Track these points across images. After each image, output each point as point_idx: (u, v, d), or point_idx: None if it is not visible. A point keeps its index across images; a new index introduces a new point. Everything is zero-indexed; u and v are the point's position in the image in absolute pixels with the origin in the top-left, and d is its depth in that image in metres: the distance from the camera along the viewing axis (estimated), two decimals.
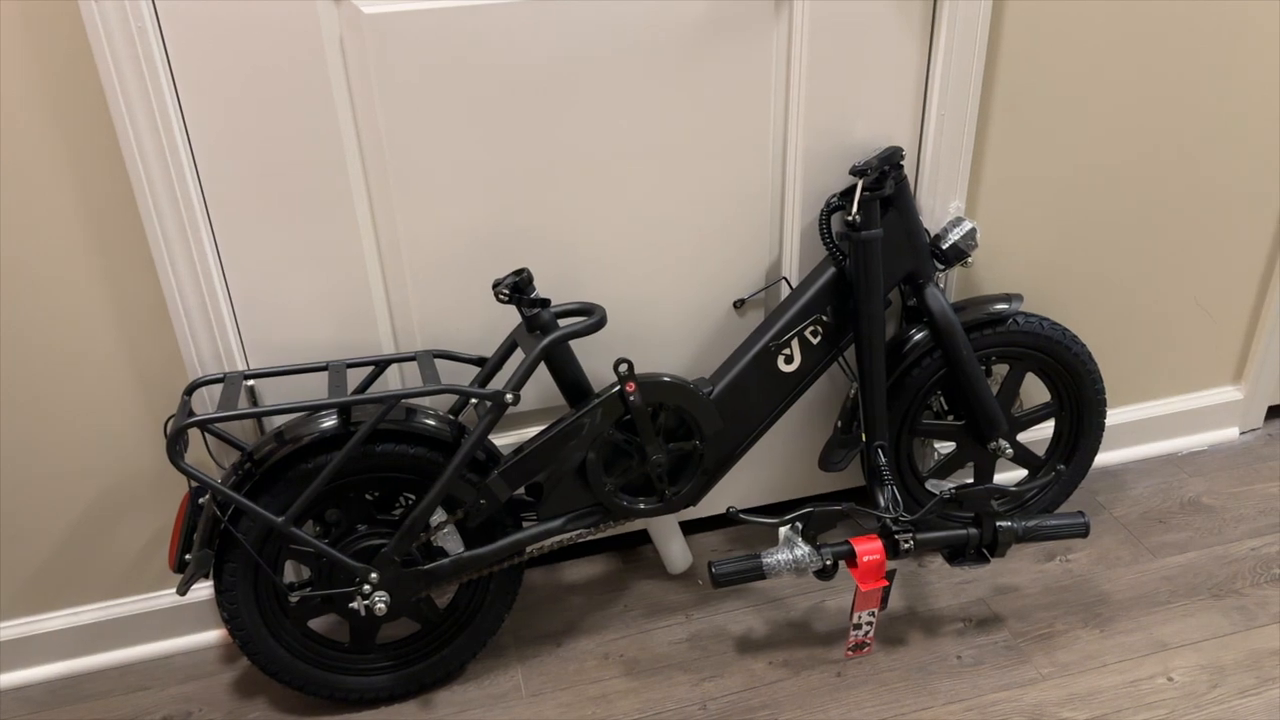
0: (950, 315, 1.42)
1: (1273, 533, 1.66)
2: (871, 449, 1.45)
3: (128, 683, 1.46)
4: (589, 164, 1.35)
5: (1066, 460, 1.63)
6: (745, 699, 1.40)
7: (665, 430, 1.37)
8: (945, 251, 1.44)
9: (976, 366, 1.44)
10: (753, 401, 1.40)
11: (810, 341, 1.40)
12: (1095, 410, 1.58)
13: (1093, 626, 1.48)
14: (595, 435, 1.31)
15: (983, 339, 1.47)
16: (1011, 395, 1.55)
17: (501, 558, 1.35)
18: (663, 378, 1.32)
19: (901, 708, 1.37)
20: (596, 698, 1.41)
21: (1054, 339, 1.50)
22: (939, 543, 1.40)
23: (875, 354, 1.40)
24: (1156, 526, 1.69)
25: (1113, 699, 1.36)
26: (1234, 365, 1.86)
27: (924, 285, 1.42)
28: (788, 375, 1.41)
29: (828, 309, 1.39)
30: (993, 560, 1.40)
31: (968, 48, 1.38)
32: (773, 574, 1.35)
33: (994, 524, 1.38)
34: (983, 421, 1.49)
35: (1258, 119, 1.58)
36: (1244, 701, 1.35)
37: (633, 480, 1.39)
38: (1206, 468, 1.84)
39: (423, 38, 1.21)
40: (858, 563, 1.33)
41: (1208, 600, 1.53)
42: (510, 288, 1.26)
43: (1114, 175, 1.57)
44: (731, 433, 1.40)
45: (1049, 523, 1.41)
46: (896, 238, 1.38)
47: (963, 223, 1.44)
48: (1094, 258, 1.64)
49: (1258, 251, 1.73)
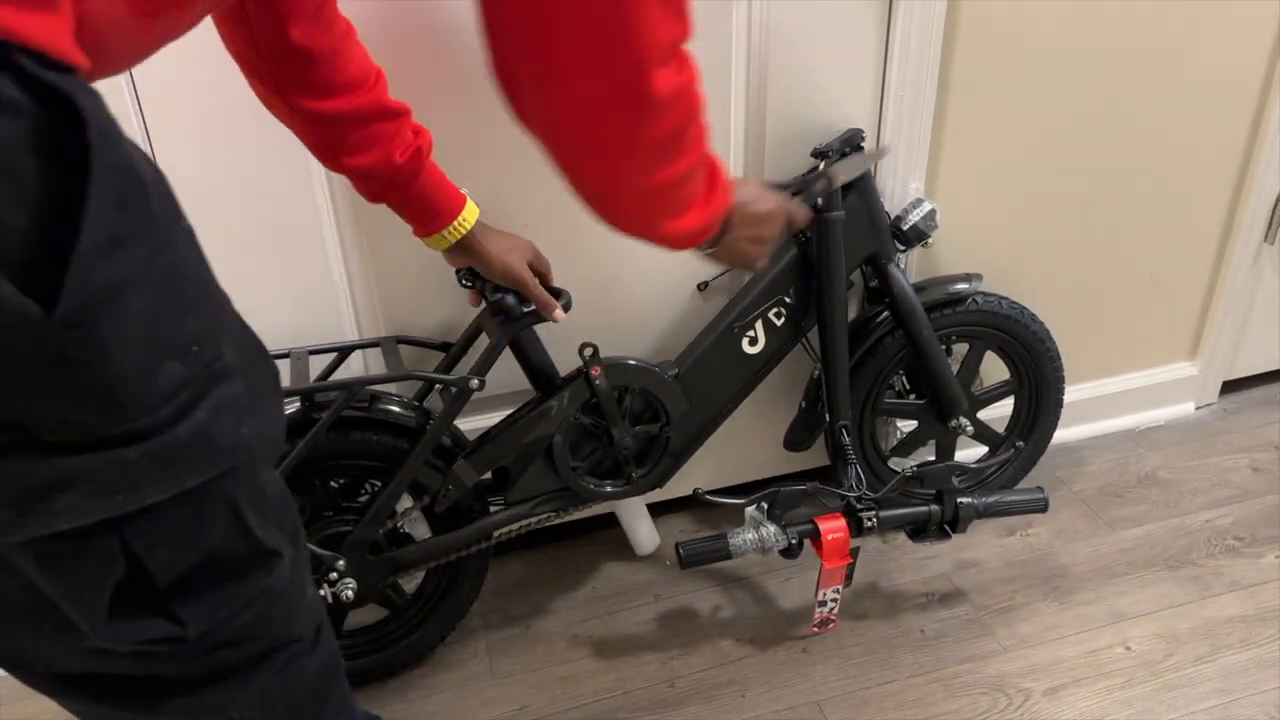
0: (912, 296, 1.43)
1: (1227, 505, 1.70)
2: (836, 429, 1.47)
3: None
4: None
5: (1025, 437, 1.65)
6: (712, 676, 1.41)
7: (631, 413, 1.37)
8: (906, 232, 1.45)
9: (937, 346, 1.46)
10: (718, 383, 1.41)
11: (774, 323, 1.41)
12: (1054, 388, 1.60)
13: (1052, 599, 1.51)
14: (561, 419, 1.31)
15: (943, 319, 1.49)
16: (971, 374, 1.57)
17: (469, 542, 1.35)
18: (628, 361, 1.33)
19: (866, 681, 1.39)
20: (566, 678, 1.42)
21: (1013, 318, 1.52)
22: (902, 520, 1.42)
23: (838, 335, 1.41)
24: (1114, 500, 1.73)
25: (1072, 669, 1.39)
26: (1189, 341, 1.89)
27: (885, 266, 1.43)
28: (752, 357, 1.42)
29: (790, 290, 1.40)
30: (954, 536, 1.42)
31: (925, 28, 1.39)
32: (739, 554, 1.36)
33: (955, 501, 1.40)
34: (944, 400, 1.51)
35: (1212, 95, 1.61)
36: (1198, 669, 1.38)
37: (600, 463, 1.39)
38: (1163, 442, 1.88)
39: (388, 10, 1.20)
40: (822, 541, 1.35)
41: (1164, 571, 1.56)
42: (471, 274, 1.26)
43: (1070, 153, 1.59)
44: (697, 415, 1.41)
45: (1009, 498, 1.43)
46: (858, 219, 1.38)
47: (923, 204, 1.46)
48: (1051, 235, 1.66)
49: (1211, 229, 1.76)
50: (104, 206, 0.53)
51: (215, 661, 0.72)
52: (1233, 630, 1.44)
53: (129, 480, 0.58)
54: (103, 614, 0.62)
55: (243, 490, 0.67)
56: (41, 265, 0.51)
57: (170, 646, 0.67)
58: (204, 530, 0.65)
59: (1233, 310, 1.85)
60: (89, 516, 0.57)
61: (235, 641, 0.72)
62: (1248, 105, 1.63)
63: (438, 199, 1.16)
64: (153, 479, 0.59)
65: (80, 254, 0.52)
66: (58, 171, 0.52)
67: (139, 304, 0.56)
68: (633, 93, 0.71)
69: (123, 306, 0.55)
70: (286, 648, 0.77)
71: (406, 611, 1.42)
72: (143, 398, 0.57)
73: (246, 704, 0.76)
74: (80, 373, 0.54)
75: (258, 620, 0.72)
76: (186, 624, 0.66)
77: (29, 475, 0.55)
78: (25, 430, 0.54)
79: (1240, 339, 1.92)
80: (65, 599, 0.61)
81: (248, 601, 0.70)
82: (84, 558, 0.60)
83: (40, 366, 0.53)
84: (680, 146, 0.80)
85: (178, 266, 0.60)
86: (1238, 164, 1.69)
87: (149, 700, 0.72)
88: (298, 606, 0.78)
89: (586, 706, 1.38)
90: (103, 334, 0.54)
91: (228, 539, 0.67)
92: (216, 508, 0.65)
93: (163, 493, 0.60)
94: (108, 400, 0.55)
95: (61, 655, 0.68)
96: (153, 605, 0.65)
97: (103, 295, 0.54)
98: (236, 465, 0.64)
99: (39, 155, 0.51)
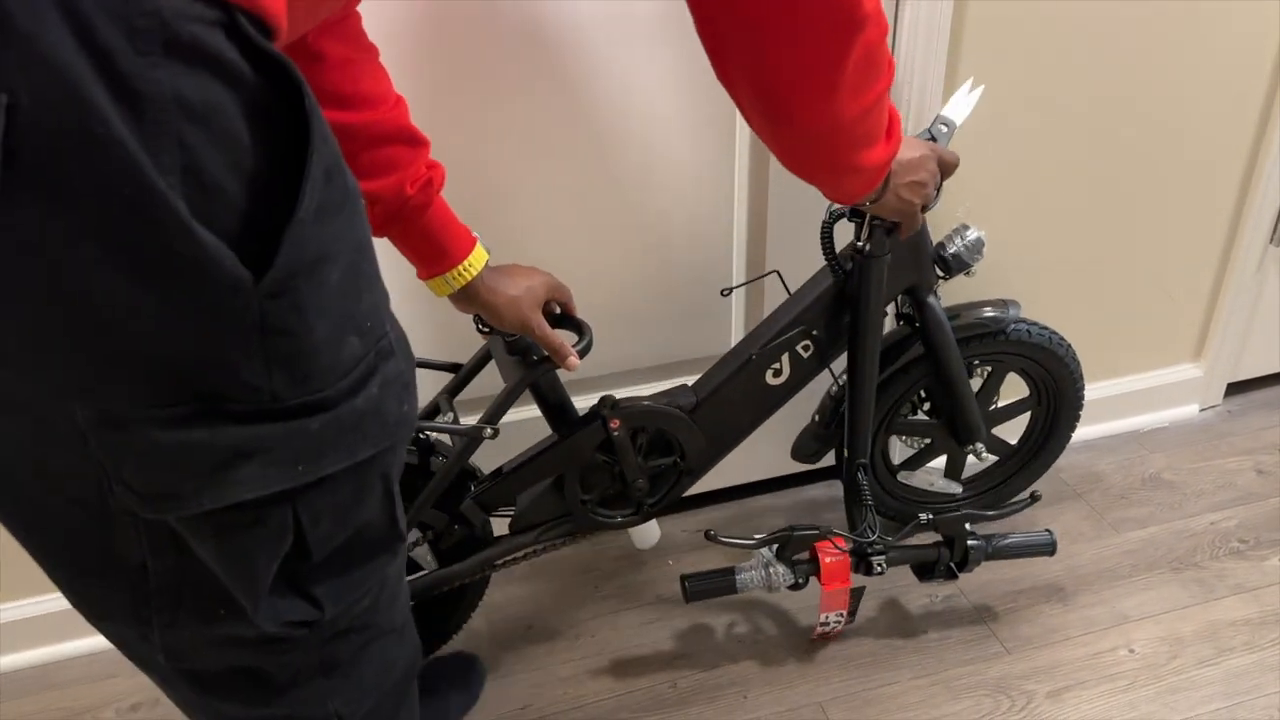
0: (947, 330, 1.36)
1: (1231, 507, 1.69)
2: (853, 466, 1.42)
3: (96, 670, 1.46)
4: (568, 143, 1.34)
5: (1037, 451, 1.63)
6: (714, 677, 1.41)
7: (646, 446, 1.32)
8: (949, 261, 1.35)
9: (965, 376, 1.41)
10: (737, 414, 1.35)
11: (801, 355, 1.33)
12: (1073, 408, 1.57)
13: (1055, 601, 1.51)
14: (575, 462, 1.28)
15: (974, 348, 1.43)
16: (991, 394, 1.54)
17: (472, 573, 1.32)
18: (647, 404, 1.28)
19: (869, 682, 1.39)
20: (567, 678, 1.42)
21: (1043, 347, 1.47)
22: (910, 559, 1.41)
23: (867, 376, 1.34)
24: (1118, 502, 1.72)
25: (1075, 671, 1.39)
26: (1194, 343, 1.89)
27: (924, 298, 1.35)
28: (774, 388, 1.35)
29: (822, 324, 1.32)
30: (960, 576, 1.41)
31: (931, 31, 1.38)
32: (744, 590, 1.35)
33: (965, 544, 1.38)
34: (962, 429, 1.46)
35: (1218, 96, 1.60)
36: (1202, 671, 1.38)
37: (609, 494, 1.34)
38: (1167, 444, 1.88)
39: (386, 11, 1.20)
40: (821, 569, 1.34)
41: (1168, 574, 1.56)
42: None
43: (1075, 153, 1.58)
44: (714, 445, 1.36)
45: (1017, 541, 1.41)
46: (902, 255, 1.29)
47: (969, 230, 1.35)
48: (1056, 236, 1.66)
49: (1217, 230, 1.75)
50: (318, 177, 0.54)
51: (330, 652, 0.73)
52: (1236, 633, 1.44)
53: (310, 451, 0.59)
54: (266, 588, 0.63)
55: (394, 468, 0.69)
56: (253, 232, 0.52)
57: (304, 630, 0.68)
58: (361, 504, 0.66)
59: (1238, 312, 1.85)
60: (271, 486, 0.58)
61: (351, 629, 0.74)
62: (1253, 107, 1.63)
63: (444, 238, 1.07)
64: (331, 451, 0.60)
65: (296, 223, 0.53)
66: (271, 140, 0.53)
67: (335, 276, 0.57)
68: (848, 14, 0.75)
69: (323, 278, 0.56)
70: (386, 637, 0.78)
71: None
72: (328, 369, 0.58)
73: (347, 696, 0.77)
74: (277, 341, 0.55)
75: (372, 608, 0.74)
76: (324, 605, 0.68)
77: (215, 444, 0.55)
78: (214, 399, 0.55)
79: (1245, 341, 1.91)
80: (236, 572, 0.62)
81: (370, 586, 0.72)
82: (261, 528, 0.60)
83: (240, 333, 0.53)
84: (878, 65, 0.84)
85: (363, 242, 0.61)
86: (1243, 165, 1.69)
87: (262, 694, 0.73)
88: (400, 596, 0.79)
89: (588, 706, 1.37)
90: (303, 304, 0.55)
91: (376, 516, 0.68)
92: (375, 483, 0.66)
93: (339, 464, 0.61)
94: (298, 370, 0.57)
95: (187, 645, 0.68)
96: (298, 585, 0.66)
97: (308, 266, 0.55)
98: (397, 441, 0.66)
99: (255, 123, 0.52)
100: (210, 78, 0.49)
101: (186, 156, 0.49)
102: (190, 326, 0.52)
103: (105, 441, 0.55)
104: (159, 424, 0.54)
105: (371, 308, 0.62)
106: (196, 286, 0.51)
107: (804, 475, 1.77)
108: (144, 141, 0.47)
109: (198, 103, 0.49)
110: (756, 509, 1.75)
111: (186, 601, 0.65)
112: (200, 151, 0.49)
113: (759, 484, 1.77)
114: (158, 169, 0.48)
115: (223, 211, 0.51)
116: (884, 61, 0.85)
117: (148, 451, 0.55)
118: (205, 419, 0.55)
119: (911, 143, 1.10)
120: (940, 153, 1.15)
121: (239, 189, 0.51)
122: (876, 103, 0.88)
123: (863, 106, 0.86)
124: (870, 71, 0.83)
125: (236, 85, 0.51)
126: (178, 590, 0.64)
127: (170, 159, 0.48)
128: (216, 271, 0.50)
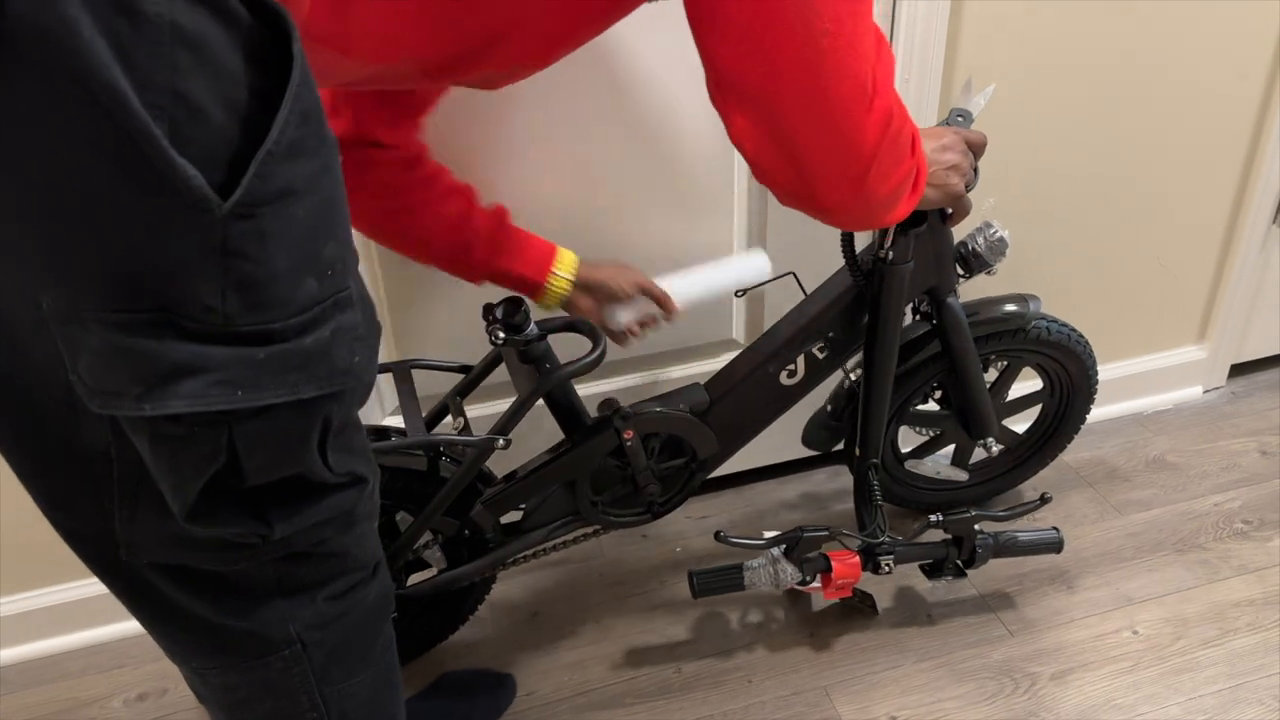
0: (965, 330, 1.34)
1: (1235, 488, 1.69)
2: (864, 465, 1.41)
3: (103, 661, 1.46)
4: (579, 139, 1.34)
5: (1046, 440, 1.62)
6: (719, 662, 1.41)
7: (657, 451, 1.32)
8: (969, 259, 1.33)
9: (981, 374, 1.40)
10: (750, 414, 1.34)
11: (816, 357, 1.33)
12: (1085, 400, 1.56)
13: (1059, 583, 1.51)
14: (587, 468, 1.28)
15: (991, 344, 1.42)
16: (1005, 388, 1.53)
17: (482, 572, 1.31)
18: (660, 410, 1.27)
19: (873, 666, 1.39)
20: (572, 664, 1.42)
21: (1061, 345, 1.46)
22: (919, 557, 1.41)
23: (884, 378, 1.33)
24: (1122, 485, 1.72)
25: (1079, 653, 1.39)
26: (1197, 325, 1.89)
27: (944, 298, 1.32)
28: (788, 388, 1.34)
29: (839, 326, 1.31)
30: (968, 574, 1.41)
31: (930, 25, 1.38)
32: (752, 588, 1.35)
33: (973, 543, 1.38)
34: (974, 424, 1.45)
35: (1220, 78, 1.59)
36: (1206, 652, 1.38)
37: (620, 495, 1.34)
38: (1171, 426, 1.87)
39: None
40: (829, 580, 1.34)
41: (1171, 555, 1.56)
42: (507, 327, 1.18)
43: (1077, 136, 1.58)
44: (726, 447, 1.35)
45: (1025, 538, 1.41)
46: (925, 258, 1.26)
47: (992, 228, 1.32)
48: (1058, 219, 1.65)
49: (1219, 211, 1.75)
50: (293, 115, 0.58)
51: (289, 571, 0.77)
52: (1240, 614, 1.44)
53: (252, 378, 0.61)
54: (192, 500, 0.65)
55: (342, 415, 0.70)
56: (227, 158, 0.56)
57: (252, 542, 0.71)
58: (304, 445, 0.68)
59: (1241, 293, 1.84)
60: (210, 406, 0.60)
61: (312, 555, 0.77)
62: (1256, 87, 1.62)
63: (533, 242, 1.22)
64: (273, 382, 0.62)
65: (266, 153, 0.57)
66: (259, 77, 0.57)
67: (301, 213, 0.60)
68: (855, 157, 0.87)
69: (288, 212, 0.59)
70: (352, 573, 0.82)
71: (411, 610, 1.40)
72: (283, 302, 0.61)
73: (307, 621, 0.80)
74: (238, 264, 0.58)
75: (336, 538, 0.77)
76: (274, 525, 0.70)
77: (161, 356, 0.58)
78: (168, 312, 0.57)
79: (1248, 322, 1.91)
80: (165, 479, 0.65)
81: (331, 517, 0.74)
82: (193, 445, 0.63)
83: (203, 252, 0.57)
84: (898, 156, 0.92)
85: (334, 191, 0.64)
86: (1246, 146, 1.68)
87: (225, 601, 0.76)
88: (368, 534, 0.82)
89: (593, 692, 1.38)
90: (265, 232, 0.58)
91: (320, 457, 0.70)
92: (315, 425, 0.68)
93: (279, 397, 0.63)
94: (253, 298, 0.59)
95: (148, 540, 0.71)
96: (242, 503, 0.68)
97: (274, 196, 0.58)
98: (344, 390, 0.68)
99: (246, 60, 0.56)
100: (208, 15, 0.54)
101: (178, 79, 0.53)
102: (157, 237, 0.55)
103: (64, 334, 0.59)
104: (113, 327, 0.57)
105: (336, 259, 0.65)
106: (165, 197, 0.54)
107: (811, 460, 1.77)
108: (136, 57, 0.51)
109: (193, 32, 0.53)
110: (763, 494, 1.75)
111: (144, 497, 0.68)
112: (191, 75, 0.53)
113: (766, 469, 1.77)
114: (147, 86, 0.52)
115: (205, 136, 0.55)
116: (902, 147, 0.92)
117: (99, 350, 0.58)
118: (156, 329, 0.57)
119: (932, 132, 1.10)
120: (965, 134, 1.15)
121: (224, 118, 0.55)
122: (903, 179, 0.95)
123: (889, 191, 0.94)
124: (891, 169, 0.92)
125: (232, 24, 0.55)
126: (137, 483, 0.67)
127: (163, 78, 0.52)
128: (184, 186, 0.54)
